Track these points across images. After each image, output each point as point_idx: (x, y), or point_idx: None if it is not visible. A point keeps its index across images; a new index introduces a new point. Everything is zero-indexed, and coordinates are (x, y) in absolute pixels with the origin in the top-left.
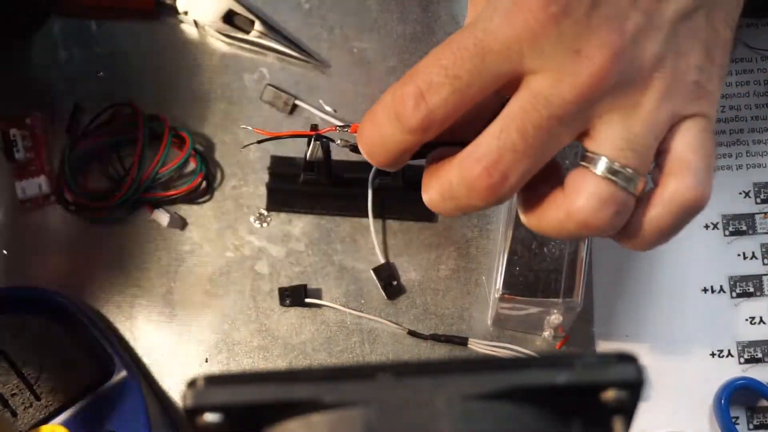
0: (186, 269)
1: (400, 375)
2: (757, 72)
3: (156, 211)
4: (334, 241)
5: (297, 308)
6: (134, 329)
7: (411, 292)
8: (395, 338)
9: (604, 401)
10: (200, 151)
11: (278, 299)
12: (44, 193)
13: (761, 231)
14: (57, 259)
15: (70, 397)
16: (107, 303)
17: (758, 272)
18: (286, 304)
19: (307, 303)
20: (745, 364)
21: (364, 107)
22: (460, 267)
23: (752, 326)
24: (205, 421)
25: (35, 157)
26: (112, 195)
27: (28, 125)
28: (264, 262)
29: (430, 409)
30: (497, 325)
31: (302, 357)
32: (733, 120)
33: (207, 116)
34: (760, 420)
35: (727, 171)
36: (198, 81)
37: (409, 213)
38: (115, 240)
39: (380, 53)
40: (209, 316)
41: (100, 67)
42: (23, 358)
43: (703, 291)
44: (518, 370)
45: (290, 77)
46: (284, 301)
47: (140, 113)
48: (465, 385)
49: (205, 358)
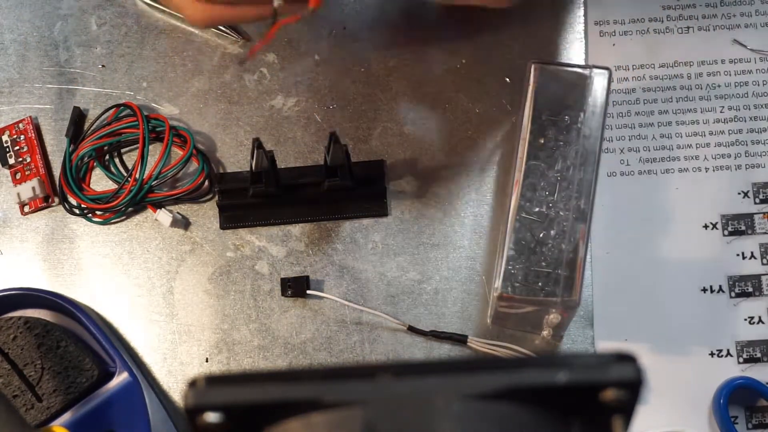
0: (186, 269)
1: (400, 375)
2: (756, 72)
3: (159, 211)
4: (334, 241)
5: (297, 308)
6: (135, 329)
7: (411, 291)
8: (396, 338)
9: (603, 401)
10: (202, 150)
11: (280, 290)
12: (39, 195)
13: (760, 231)
14: (58, 259)
15: (72, 398)
16: (108, 303)
17: (757, 272)
18: (287, 295)
19: (308, 294)
20: (744, 364)
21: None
22: (460, 266)
23: (751, 326)
24: (205, 420)
25: (31, 161)
26: (116, 196)
27: (21, 129)
28: (264, 261)
29: (430, 408)
30: (497, 324)
31: (303, 357)
32: (732, 120)
33: (207, 116)
34: (758, 419)
35: (727, 171)
36: (198, 81)
37: (363, 210)
38: (116, 240)
39: None
40: (210, 315)
41: (99, 68)
42: (24, 359)
43: (702, 291)
44: (518, 370)
45: (291, 76)
46: (286, 291)
47: (140, 114)
48: (465, 385)
49: (206, 358)
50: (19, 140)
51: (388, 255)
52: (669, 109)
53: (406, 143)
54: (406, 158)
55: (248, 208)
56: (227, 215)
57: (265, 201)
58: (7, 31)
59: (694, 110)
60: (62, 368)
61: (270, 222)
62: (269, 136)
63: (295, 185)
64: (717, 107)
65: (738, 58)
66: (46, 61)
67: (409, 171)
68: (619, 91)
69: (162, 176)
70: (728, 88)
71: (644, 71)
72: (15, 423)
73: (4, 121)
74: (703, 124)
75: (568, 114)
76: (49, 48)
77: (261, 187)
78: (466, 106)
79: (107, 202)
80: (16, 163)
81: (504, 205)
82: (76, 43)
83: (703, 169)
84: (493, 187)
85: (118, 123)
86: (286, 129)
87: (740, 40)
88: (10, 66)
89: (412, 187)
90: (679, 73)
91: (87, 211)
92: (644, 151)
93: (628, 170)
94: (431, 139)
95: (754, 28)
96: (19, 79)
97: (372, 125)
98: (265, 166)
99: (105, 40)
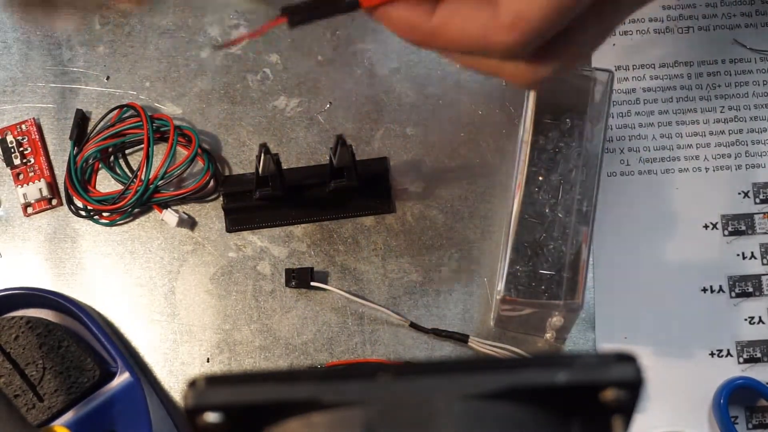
0: (188, 269)
1: (400, 375)
2: (757, 72)
3: (165, 211)
4: (336, 242)
5: (299, 309)
6: (136, 329)
7: (413, 292)
8: (397, 338)
9: (603, 401)
10: (207, 149)
11: (284, 280)
12: (45, 197)
13: (760, 231)
14: (60, 259)
15: (73, 398)
16: (109, 303)
17: (757, 272)
18: (291, 285)
19: (312, 286)
20: (744, 364)
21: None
22: (462, 268)
23: (751, 326)
24: (205, 420)
25: (34, 162)
26: (122, 197)
27: (24, 130)
28: (266, 262)
29: (430, 408)
30: (500, 326)
31: (304, 357)
32: (732, 120)
33: (210, 116)
34: (759, 419)
35: (727, 171)
36: (201, 81)
37: (369, 208)
38: (118, 239)
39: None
40: (211, 316)
41: (102, 68)
42: (26, 359)
43: (702, 291)
44: (518, 370)
45: (294, 77)
46: (290, 282)
47: (144, 114)
48: (465, 385)
49: (207, 358)
50: (23, 141)
51: (389, 256)
52: (669, 109)
53: (409, 145)
54: (409, 159)
55: (254, 210)
56: (233, 218)
57: (270, 203)
58: (10, 29)
59: (694, 110)
60: (64, 368)
61: (276, 224)
62: (272, 137)
63: (300, 186)
64: (717, 107)
65: (738, 58)
66: (49, 60)
67: (411, 172)
68: (619, 91)
69: (168, 176)
70: (728, 88)
71: (644, 71)
72: (16, 422)
73: (7, 120)
74: (703, 124)
75: (570, 116)
76: (52, 47)
77: (267, 190)
78: (469, 108)
79: (114, 203)
80: (20, 164)
81: (506, 207)
82: (79, 42)
83: (703, 169)
84: (495, 190)
85: (122, 124)
86: (288, 129)
87: (740, 40)
88: (13, 65)
89: (414, 188)
90: (679, 73)
91: (93, 213)
92: (644, 151)
93: (628, 170)
94: (433, 140)
95: (754, 28)
96: (22, 78)
97: (374, 126)
98: (272, 170)
99: (108, 40)
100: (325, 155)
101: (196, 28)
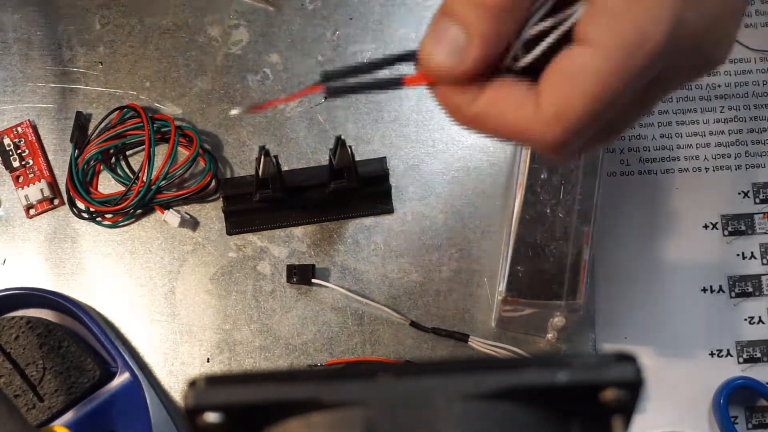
0: (188, 269)
1: (400, 375)
2: (756, 72)
3: (167, 212)
4: (336, 243)
5: (299, 309)
6: (136, 329)
7: (413, 292)
8: (397, 338)
9: (603, 401)
10: (208, 149)
11: (285, 278)
12: (47, 197)
13: (760, 231)
14: (60, 259)
15: (73, 398)
16: (110, 303)
17: (757, 272)
18: (293, 282)
19: (313, 283)
20: (744, 364)
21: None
22: (462, 268)
23: (751, 326)
24: (205, 420)
25: (33, 163)
26: (125, 198)
27: (20, 133)
28: (266, 262)
29: (430, 409)
30: (501, 327)
31: (304, 357)
32: (732, 120)
33: (210, 117)
34: (758, 419)
35: (727, 171)
36: (201, 81)
37: (369, 208)
38: (118, 239)
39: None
40: (211, 316)
41: (102, 68)
42: (26, 359)
43: (702, 291)
44: (518, 370)
45: (294, 77)
46: (291, 278)
47: (145, 116)
48: (465, 385)
49: (207, 358)
50: (20, 144)
51: (390, 256)
52: (669, 109)
53: (409, 145)
54: (408, 159)
55: (254, 212)
56: (233, 220)
57: (270, 205)
58: (10, 29)
59: (694, 110)
60: (64, 368)
61: (276, 225)
62: (272, 137)
63: (300, 188)
64: (717, 107)
65: (738, 58)
66: (49, 60)
67: (411, 172)
68: None
69: (170, 176)
70: (728, 88)
71: None
72: (16, 422)
73: (8, 120)
74: (703, 124)
75: None
76: (52, 47)
77: (268, 192)
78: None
79: (116, 204)
80: (19, 166)
81: (507, 207)
82: (79, 43)
83: (703, 169)
84: (496, 190)
85: (123, 125)
86: (288, 130)
87: (740, 40)
88: (13, 65)
89: (414, 188)
90: None
91: (96, 215)
92: (644, 151)
93: (628, 170)
94: (433, 140)
95: (754, 28)
96: (22, 78)
97: (374, 126)
98: (272, 172)
99: (108, 40)
100: (325, 155)
101: (196, 28)
